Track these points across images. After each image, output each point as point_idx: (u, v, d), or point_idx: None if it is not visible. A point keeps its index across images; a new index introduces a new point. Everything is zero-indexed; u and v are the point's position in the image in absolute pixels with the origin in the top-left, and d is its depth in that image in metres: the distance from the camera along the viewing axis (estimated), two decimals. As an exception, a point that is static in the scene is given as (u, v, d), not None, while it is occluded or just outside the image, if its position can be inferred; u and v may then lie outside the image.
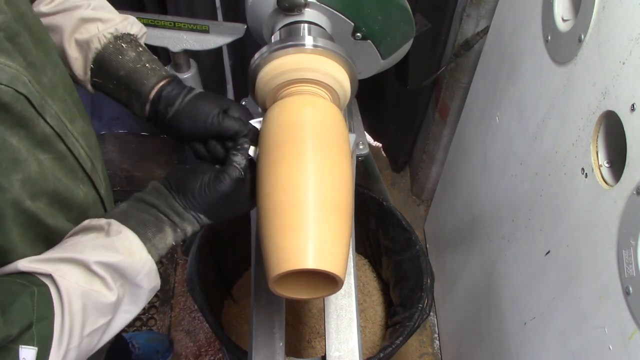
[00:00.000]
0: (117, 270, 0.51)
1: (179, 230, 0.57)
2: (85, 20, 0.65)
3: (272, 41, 0.68)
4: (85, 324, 0.48)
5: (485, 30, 1.30)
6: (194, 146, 0.64)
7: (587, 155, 0.76)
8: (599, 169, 0.74)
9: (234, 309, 1.45)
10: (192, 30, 0.81)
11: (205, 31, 0.81)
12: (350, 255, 0.75)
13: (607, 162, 0.74)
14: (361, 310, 1.47)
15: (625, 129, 0.67)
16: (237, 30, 0.80)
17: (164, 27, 0.81)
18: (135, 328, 1.61)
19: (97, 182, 0.63)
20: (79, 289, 0.48)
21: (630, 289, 0.65)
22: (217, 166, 0.61)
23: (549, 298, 0.87)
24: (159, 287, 0.57)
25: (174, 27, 0.81)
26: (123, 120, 1.76)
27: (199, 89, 0.65)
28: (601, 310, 0.72)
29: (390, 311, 1.41)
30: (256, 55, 0.66)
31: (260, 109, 0.71)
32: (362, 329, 1.40)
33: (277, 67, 0.64)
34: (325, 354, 0.74)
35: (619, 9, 0.70)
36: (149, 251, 0.54)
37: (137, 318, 1.63)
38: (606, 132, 0.74)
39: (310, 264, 0.50)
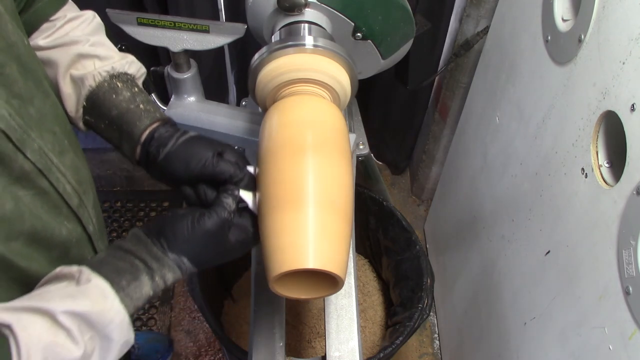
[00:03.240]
0: (85, 320, 0.47)
1: (157, 278, 0.53)
2: (83, 56, 0.64)
3: (273, 41, 0.68)
4: None
5: (485, 30, 1.30)
6: (184, 191, 0.60)
7: (587, 155, 0.76)
8: (599, 169, 0.74)
9: (234, 309, 1.45)
10: (192, 30, 0.81)
11: (206, 31, 0.81)
12: (350, 255, 0.75)
13: (607, 162, 0.74)
14: (361, 310, 1.47)
15: (625, 129, 0.67)
16: (237, 30, 0.80)
17: (164, 27, 0.81)
18: (135, 328, 1.61)
19: (84, 219, 0.60)
20: (40, 343, 0.44)
21: (630, 289, 0.65)
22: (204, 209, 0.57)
23: (549, 298, 0.87)
24: (132, 342, 0.52)
25: (174, 27, 0.81)
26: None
27: (193, 132, 0.62)
28: (601, 310, 0.72)
29: (390, 311, 1.41)
30: (256, 55, 0.66)
31: (260, 109, 0.71)
32: (362, 329, 1.40)
33: (278, 67, 0.64)
34: (325, 354, 0.74)
35: (619, 9, 0.70)
36: (122, 300, 0.50)
37: (137, 318, 1.63)
38: (606, 132, 0.74)
39: (311, 264, 0.50)
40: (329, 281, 0.53)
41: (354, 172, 0.94)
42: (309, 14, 0.76)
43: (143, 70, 0.71)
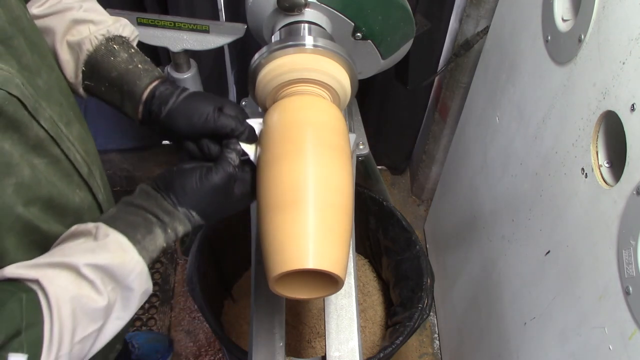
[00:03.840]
0: (107, 272, 0.49)
1: (169, 230, 0.55)
2: (77, 22, 0.64)
3: (273, 41, 0.68)
4: (75, 330, 0.47)
5: (485, 30, 1.30)
6: (187, 146, 0.62)
7: (587, 155, 0.76)
8: (599, 169, 0.74)
9: (234, 309, 1.45)
10: (192, 30, 0.81)
11: (206, 31, 0.81)
12: (350, 255, 0.75)
13: (607, 162, 0.74)
14: (361, 310, 1.47)
15: (625, 129, 0.67)
16: (237, 30, 0.80)
17: (164, 27, 0.81)
18: (135, 328, 1.61)
19: (94, 188, 0.62)
20: (67, 294, 0.46)
21: (630, 289, 0.65)
22: (210, 163, 0.60)
23: (549, 298, 0.87)
24: (151, 291, 0.55)
25: (174, 27, 0.81)
26: (114, 139, 1.77)
27: (192, 89, 0.64)
28: (601, 310, 0.72)
29: (390, 311, 1.41)
30: (256, 55, 0.66)
31: (260, 109, 0.71)
32: (362, 329, 1.40)
33: (278, 67, 0.64)
34: (325, 354, 0.74)
35: (619, 9, 0.70)
36: (140, 253, 0.52)
37: (137, 318, 1.63)
38: (606, 132, 0.74)
39: (311, 264, 0.50)
40: (329, 281, 0.53)
41: (354, 172, 0.94)
42: (309, 14, 0.76)
43: (136, 32, 0.72)
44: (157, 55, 1.53)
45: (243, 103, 1.24)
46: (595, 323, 0.73)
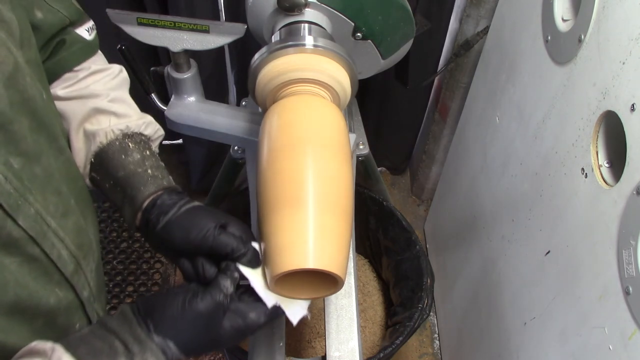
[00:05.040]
0: None
1: None
2: (99, 111, 0.62)
3: (273, 41, 0.68)
4: None
5: (485, 30, 1.30)
6: (182, 264, 0.56)
7: (587, 155, 0.76)
8: (599, 169, 0.74)
9: (234, 309, 1.45)
10: (192, 30, 0.81)
11: (206, 31, 0.81)
12: (350, 255, 0.75)
13: (607, 162, 0.74)
14: (361, 310, 1.47)
15: (625, 129, 0.67)
16: (237, 30, 0.80)
17: (164, 27, 0.81)
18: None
19: (78, 286, 0.56)
20: None
21: (630, 289, 0.65)
22: (200, 287, 0.52)
23: (549, 298, 0.87)
24: None
25: (174, 27, 0.80)
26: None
27: (198, 202, 0.58)
28: (601, 310, 0.72)
29: (390, 311, 1.41)
30: (256, 56, 0.66)
31: (260, 109, 0.71)
32: (362, 329, 1.40)
33: (277, 67, 0.64)
34: (325, 354, 0.74)
35: (619, 9, 0.70)
36: None
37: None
38: (606, 132, 0.74)
39: (311, 264, 0.50)
40: (329, 281, 0.53)
41: (354, 172, 0.94)
42: (309, 14, 0.76)
43: (161, 132, 0.68)
44: (157, 55, 1.53)
45: (243, 103, 1.24)
46: (595, 323, 0.73)
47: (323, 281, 0.53)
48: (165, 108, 0.92)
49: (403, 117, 1.79)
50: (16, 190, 0.46)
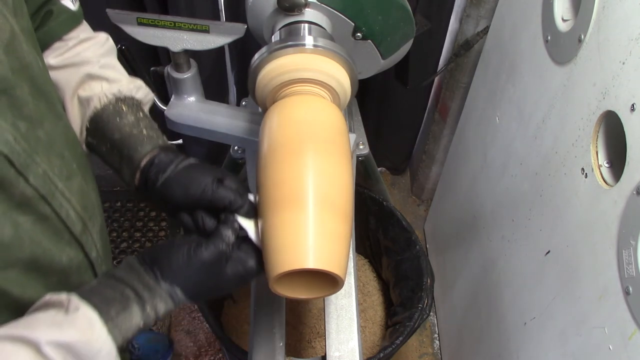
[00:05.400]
0: (71, 351, 0.45)
1: (148, 308, 0.51)
2: (91, 77, 0.63)
3: (273, 41, 0.68)
4: None
5: (485, 30, 1.30)
6: (182, 218, 0.58)
7: (587, 155, 0.76)
8: (599, 169, 0.74)
9: (234, 309, 1.45)
10: (192, 30, 0.81)
11: (206, 31, 0.81)
12: (350, 255, 0.75)
13: (607, 162, 0.74)
14: (361, 310, 1.47)
15: (625, 129, 0.67)
16: (237, 30, 0.80)
17: (164, 27, 0.81)
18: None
19: (87, 246, 0.58)
20: None
21: (630, 289, 0.65)
22: (202, 238, 0.55)
23: (549, 298, 0.87)
24: None
25: (174, 27, 0.81)
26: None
27: (193, 159, 0.60)
28: (601, 310, 0.72)
29: (390, 311, 1.41)
30: (256, 56, 0.66)
31: (260, 109, 0.71)
32: (362, 329, 1.40)
33: (277, 67, 0.64)
34: (325, 354, 0.74)
35: (619, 9, 0.70)
36: (110, 331, 0.47)
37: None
38: (606, 132, 0.74)
39: (311, 263, 0.50)
40: (329, 281, 0.53)
41: (354, 172, 0.94)
42: (309, 14, 0.76)
43: (150, 96, 0.70)
44: (157, 55, 1.53)
45: (243, 103, 1.24)
46: (595, 323, 0.73)
47: (323, 281, 0.53)
48: (165, 108, 0.92)
49: (403, 117, 1.79)
50: (24, 151, 0.48)
